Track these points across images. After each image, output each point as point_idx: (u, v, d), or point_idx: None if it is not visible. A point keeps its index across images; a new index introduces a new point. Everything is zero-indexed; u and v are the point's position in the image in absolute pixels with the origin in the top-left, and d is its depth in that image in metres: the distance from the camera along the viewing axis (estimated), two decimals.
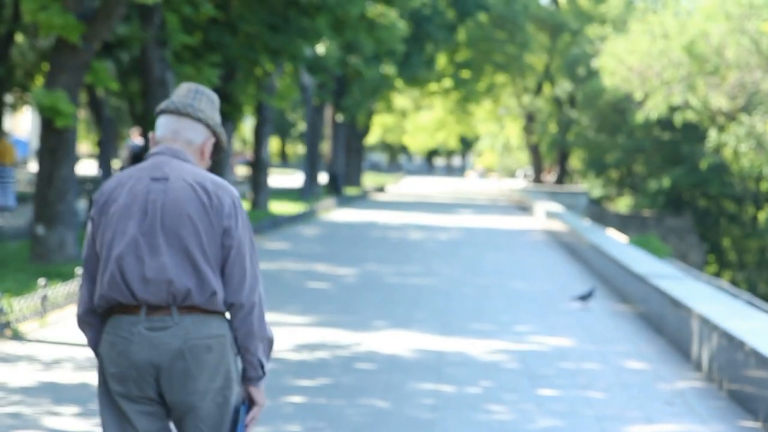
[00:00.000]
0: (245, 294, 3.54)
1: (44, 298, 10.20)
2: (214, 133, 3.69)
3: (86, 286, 3.62)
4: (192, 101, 3.66)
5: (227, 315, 3.60)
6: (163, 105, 3.68)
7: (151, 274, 3.47)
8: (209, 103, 3.69)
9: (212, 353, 3.49)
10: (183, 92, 3.68)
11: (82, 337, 9.35)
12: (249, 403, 3.63)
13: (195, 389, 3.49)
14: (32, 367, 8.19)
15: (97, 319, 3.63)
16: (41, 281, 10.31)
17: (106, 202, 3.58)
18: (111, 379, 3.53)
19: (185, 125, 3.64)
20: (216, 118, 3.70)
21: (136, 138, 23.49)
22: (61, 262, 14.08)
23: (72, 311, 10.87)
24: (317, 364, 8.71)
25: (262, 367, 3.61)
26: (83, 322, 3.65)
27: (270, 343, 3.63)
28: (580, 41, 53.53)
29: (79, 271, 11.47)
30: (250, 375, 3.61)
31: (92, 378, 7.88)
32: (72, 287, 11.01)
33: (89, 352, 8.80)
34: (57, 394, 7.37)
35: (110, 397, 3.55)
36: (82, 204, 19.72)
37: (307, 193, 37.74)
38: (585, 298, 12.94)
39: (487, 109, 64.70)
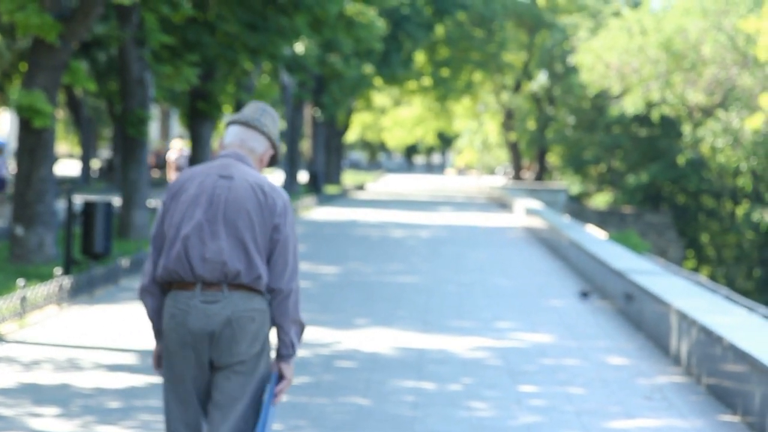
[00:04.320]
0: (285, 281, 4.18)
1: (23, 299, 10.16)
2: (273, 146, 4.36)
3: (152, 259, 4.24)
4: (259, 117, 4.33)
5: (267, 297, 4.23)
6: (234, 117, 4.34)
7: (209, 254, 4.12)
8: (272, 121, 4.36)
9: (254, 323, 4.15)
10: (252, 108, 4.35)
11: (61, 338, 9.35)
12: (279, 377, 4.23)
13: (238, 351, 4.13)
14: (11, 369, 8.16)
15: (157, 289, 4.24)
16: (20, 282, 10.27)
17: (178, 191, 4.22)
18: (172, 344, 4.15)
19: (251, 136, 4.31)
20: (276, 133, 4.35)
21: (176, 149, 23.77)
22: (40, 263, 14.03)
23: (51, 312, 10.84)
24: (298, 362, 8.72)
25: (293, 346, 4.23)
26: (146, 291, 4.25)
27: (302, 327, 4.26)
28: (554, 32, 53.65)
29: (58, 272, 11.44)
30: (282, 352, 4.23)
31: (72, 379, 7.86)
32: (51, 288, 10.97)
33: (69, 353, 8.78)
34: (37, 395, 7.35)
35: (169, 357, 4.18)
36: (61, 204, 19.64)
37: (287, 191, 37.69)
38: (586, 295, 13.25)
39: (465, 106, 64.75)
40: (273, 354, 4.28)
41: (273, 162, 4.39)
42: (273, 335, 4.27)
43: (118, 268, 13.21)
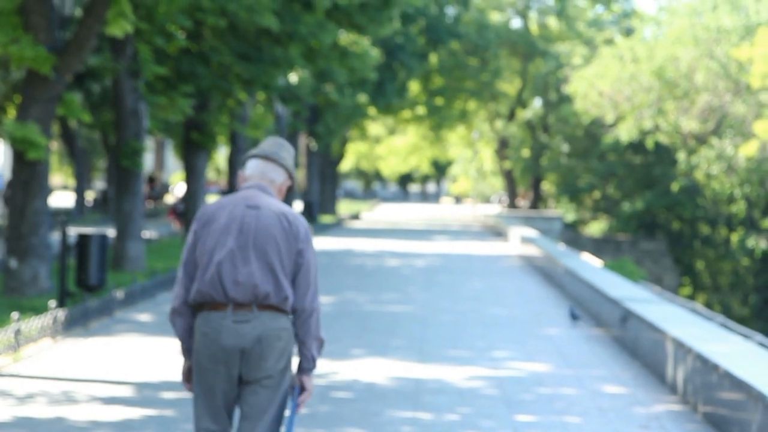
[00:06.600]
0: (309, 300, 4.60)
1: (17, 332, 10.12)
2: (290, 177, 4.78)
3: (183, 283, 4.61)
4: (278, 150, 4.76)
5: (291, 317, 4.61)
6: (254, 151, 4.77)
7: (241, 278, 4.53)
8: (289, 154, 4.80)
9: (281, 341, 4.55)
10: (271, 143, 4.79)
11: (56, 371, 9.30)
12: (300, 389, 4.63)
13: (266, 367, 4.53)
14: (6, 402, 8.11)
15: (188, 310, 4.62)
16: (14, 315, 10.23)
17: (209, 220, 4.62)
18: (204, 359, 4.53)
19: (271, 168, 4.75)
20: (293, 165, 4.79)
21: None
22: (34, 296, 13.98)
23: (45, 345, 10.80)
24: None
25: (314, 360, 4.64)
26: (177, 312, 4.63)
27: (321, 343, 4.66)
28: (548, 60, 53.88)
29: (52, 304, 11.41)
30: (304, 366, 4.64)
31: (67, 412, 7.82)
32: (46, 321, 10.93)
33: (63, 386, 8.74)
34: (31, 428, 7.31)
35: (200, 372, 4.54)
36: (55, 236, 19.61)
37: None
38: (575, 317, 13.43)
39: (460, 134, 64.89)
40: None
41: (290, 191, 4.85)
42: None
43: (112, 300, 13.17)
